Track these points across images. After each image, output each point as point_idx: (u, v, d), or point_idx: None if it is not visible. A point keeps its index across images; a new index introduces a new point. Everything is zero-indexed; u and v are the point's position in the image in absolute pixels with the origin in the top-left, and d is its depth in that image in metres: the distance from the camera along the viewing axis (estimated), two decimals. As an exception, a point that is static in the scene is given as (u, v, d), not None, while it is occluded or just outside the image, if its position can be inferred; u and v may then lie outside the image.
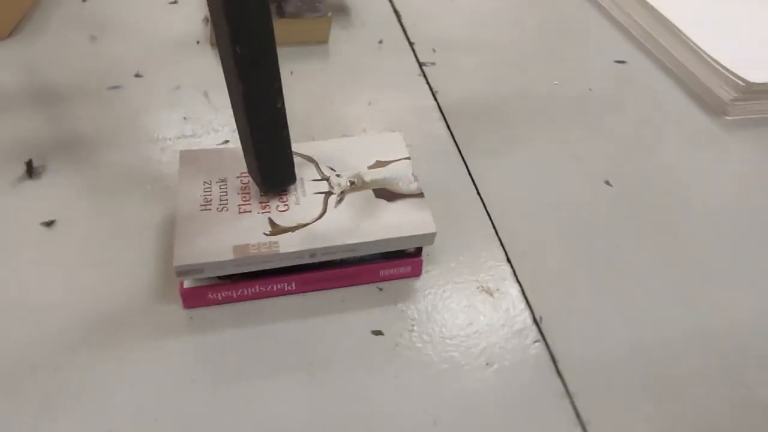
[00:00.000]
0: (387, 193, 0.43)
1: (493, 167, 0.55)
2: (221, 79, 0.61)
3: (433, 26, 0.74)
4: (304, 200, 0.42)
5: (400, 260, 0.43)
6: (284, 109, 0.37)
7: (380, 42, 0.70)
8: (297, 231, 0.39)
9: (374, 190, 0.43)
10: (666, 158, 0.58)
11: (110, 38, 0.65)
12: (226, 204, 0.41)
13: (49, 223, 0.45)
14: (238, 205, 0.41)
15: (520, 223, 0.50)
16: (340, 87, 0.62)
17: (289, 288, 0.41)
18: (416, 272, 0.44)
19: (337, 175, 0.44)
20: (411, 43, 0.70)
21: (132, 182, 0.49)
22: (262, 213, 0.40)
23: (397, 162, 0.46)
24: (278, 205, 0.41)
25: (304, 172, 0.44)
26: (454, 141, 0.57)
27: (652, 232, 0.50)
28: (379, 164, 0.45)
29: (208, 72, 0.62)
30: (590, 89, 0.66)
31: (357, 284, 0.43)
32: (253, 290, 0.41)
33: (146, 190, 0.48)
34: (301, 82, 0.62)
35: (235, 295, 0.41)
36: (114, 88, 0.58)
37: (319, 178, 0.43)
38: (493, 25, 0.75)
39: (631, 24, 0.76)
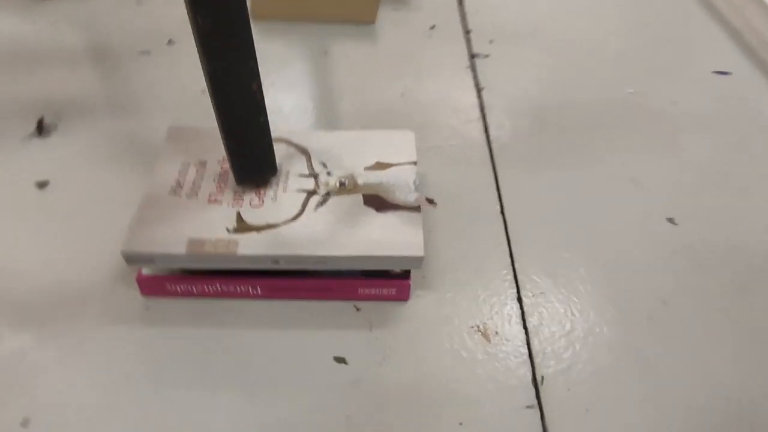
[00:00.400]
0: (378, 201, 0.37)
1: (527, 183, 0.46)
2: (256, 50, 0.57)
3: (499, 14, 0.65)
4: (282, 197, 0.37)
5: (384, 280, 0.36)
6: (261, 93, 0.32)
7: (432, 27, 0.63)
8: (263, 232, 0.35)
9: (364, 196, 0.37)
10: (759, 198, 0.46)
11: (155, 2, 0.64)
12: (198, 190, 0.37)
13: (43, 185, 0.44)
14: (210, 193, 0.37)
15: (546, 255, 0.41)
16: (375, 73, 0.56)
17: (255, 292, 0.37)
18: (403, 296, 0.38)
19: (328, 173, 0.38)
20: (467, 32, 0.63)
21: (134, 152, 0.47)
22: (233, 205, 0.36)
23: (400, 166, 0.39)
24: (252, 199, 0.37)
25: (292, 164, 0.39)
26: (489, 146, 0.49)
27: (719, 294, 0.39)
28: (380, 166, 0.39)
29: (241, 44, 0.59)
30: (674, 102, 0.55)
31: (332, 299, 0.38)
32: (214, 288, 0.37)
33: (144, 162, 0.46)
34: (334, 63, 0.57)
35: (195, 291, 0.37)
36: (144, 53, 0.57)
37: (307, 173, 0.38)
38: (572, 18, 0.65)
39: (745, 29, 0.62)
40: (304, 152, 0.40)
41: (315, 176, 0.38)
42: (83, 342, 0.35)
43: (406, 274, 0.37)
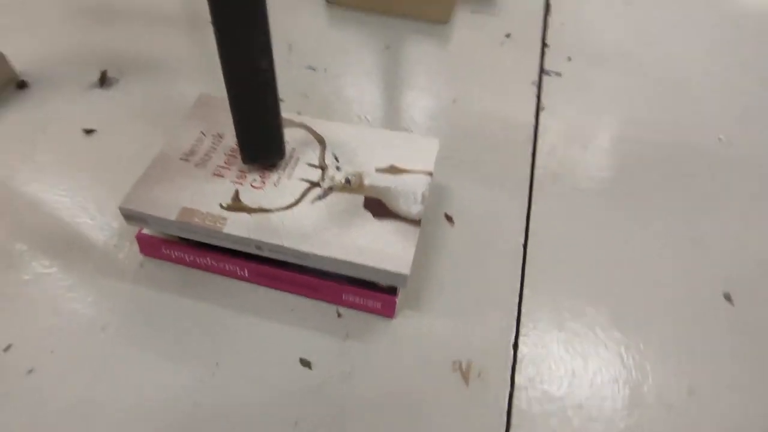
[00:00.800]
0: (379, 206, 0.34)
1: (563, 220, 0.41)
2: (312, 34, 0.57)
3: (586, 30, 0.59)
4: (285, 183, 0.36)
5: (369, 291, 0.34)
6: (272, 73, 0.31)
7: (507, 35, 0.58)
8: (254, 214, 0.34)
9: (366, 198, 0.35)
10: None
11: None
12: (208, 161, 0.37)
13: (90, 132, 0.47)
14: (218, 166, 0.37)
15: (561, 305, 0.37)
16: (432, 74, 0.54)
17: (242, 274, 0.36)
18: (387, 312, 0.35)
19: (337, 168, 0.37)
20: (544, 45, 0.58)
21: (182, 117, 0.48)
22: (235, 182, 0.36)
23: (414, 174, 0.36)
24: (255, 180, 0.36)
25: (305, 152, 0.38)
26: (531, 171, 0.45)
27: (764, 398, 0.32)
28: (392, 170, 0.37)
29: (304, 25, 0.59)
30: (774, 160, 0.46)
31: (316, 298, 0.36)
32: (204, 261, 0.37)
33: (183, 127, 0.47)
34: (393, 59, 0.55)
35: (187, 259, 0.37)
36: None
37: (316, 164, 0.37)
38: (670, 44, 0.58)
39: None
40: (321, 142, 0.38)
41: (323, 168, 0.36)
42: (76, 285, 0.37)
43: (393, 290, 0.34)
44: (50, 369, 0.33)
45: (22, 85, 0.50)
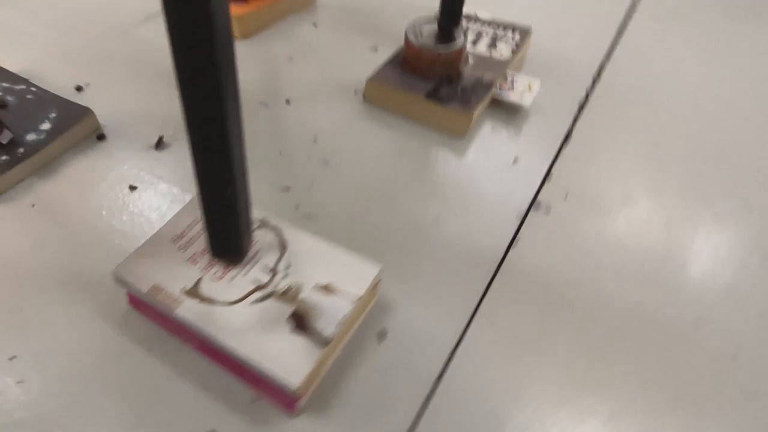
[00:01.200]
0: (299, 321, 0.40)
1: (488, 368, 0.44)
2: (341, 128, 0.65)
3: (594, 169, 0.61)
4: (239, 280, 0.43)
5: (273, 386, 0.40)
6: (233, 198, 0.39)
7: (514, 160, 0.62)
8: (203, 303, 0.41)
9: (294, 311, 0.41)
10: None
11: (304, 62, 0.76)
12: (190, 246, 0.45)
13: (133, 188, 0.58)
14: (195, 252, 0.45)
15: (449, 446, 0.39)
16: (429, 188, 0.58)
17: (193, 343, 0.44)
18: (289, 409, 0.40)
19: (285, 276, 0.43)
20: (547, 176, 0.60)
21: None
22: (202, 271, 0.43)
23: (343, 296, 0.42)
24: (217, 272, 0.43)
25: (267, 254, 0.45)
26: (478, 304, 0.48)
27: None
28: (326, 289, 0.42)
29: (336, 118, 0.66)
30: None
31: (244, 381, 0.42)
32: (169, 325, 0.45)
33: (204, 197, 0.57)
34: (403, 165, 0.61)
35: (159, 321, 0.45)
36: (263, 105, 0.69)
37: (270, 268, 0.44)
38: (673, 211, 0.57)
39: None
40: (283, 248, 0.45)
41: (274, 273, 0.43)
42: (74, 318, 0.46)
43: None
44: (35, 387, 0.42)
45: (101, 137, 0.63)
